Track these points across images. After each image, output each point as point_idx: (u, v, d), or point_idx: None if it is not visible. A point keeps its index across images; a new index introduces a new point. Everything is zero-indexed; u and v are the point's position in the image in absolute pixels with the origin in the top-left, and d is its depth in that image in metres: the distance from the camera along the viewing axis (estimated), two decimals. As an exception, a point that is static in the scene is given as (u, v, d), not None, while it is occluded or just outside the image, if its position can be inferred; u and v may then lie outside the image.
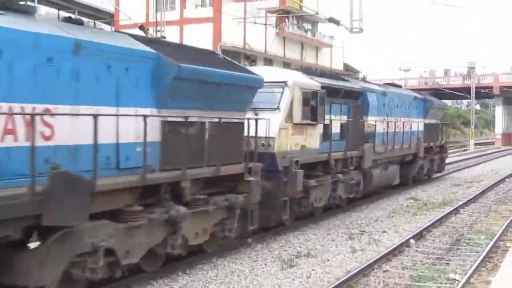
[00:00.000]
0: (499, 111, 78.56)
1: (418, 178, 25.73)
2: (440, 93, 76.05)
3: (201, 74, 10.50)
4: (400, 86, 26.87)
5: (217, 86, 10.99)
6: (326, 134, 15.97)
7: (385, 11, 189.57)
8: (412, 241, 13.65)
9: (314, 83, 15.43)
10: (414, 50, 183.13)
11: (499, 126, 76.94)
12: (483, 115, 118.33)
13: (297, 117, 14.31)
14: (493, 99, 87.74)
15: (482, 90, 72.46)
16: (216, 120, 11.03)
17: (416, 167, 24.82)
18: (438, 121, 29.10)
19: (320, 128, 15.57)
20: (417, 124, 24.79)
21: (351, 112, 17.99)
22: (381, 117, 20.37)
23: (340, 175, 16.59)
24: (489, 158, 46.91)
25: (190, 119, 10.29)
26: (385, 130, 20.71)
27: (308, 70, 17.65)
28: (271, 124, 13.35)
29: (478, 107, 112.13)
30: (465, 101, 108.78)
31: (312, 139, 15.18)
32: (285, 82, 14.12)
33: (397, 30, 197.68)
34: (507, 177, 29.64)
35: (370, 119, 19.31)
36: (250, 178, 12.06)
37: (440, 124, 29.53)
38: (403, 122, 22.82)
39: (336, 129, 16.76)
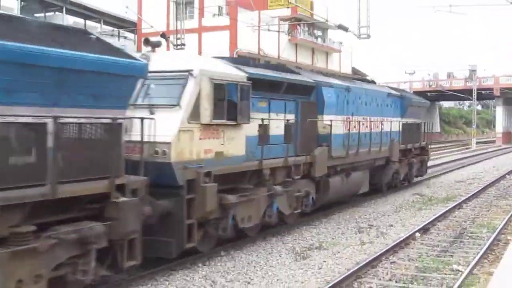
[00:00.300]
0: (499, 111, 78.03)
1: (394, 184, 21.53)
2: (443, 94, 75.89)
3: (23, 54, 6.97)
4: (373, 82, 22.96)
5: (65, 74, 7.54)
6: (264, 137, 12.53)
7: (390, 9, 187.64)
8: (417, 234, 13.59)
9: (236, 73, 11.71)
10: (418, 51, 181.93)
11: (500, 125, 76.36)
12: (484, 115, 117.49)
13: (207, 116, 10.55)
14: (493, 100, 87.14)
15: (483, 92, 72.18)
16: (71, 120, 7.67)
17: (390, 172, 20.70)
18: (419, 120, 24.33)
19: (249, 129, 11.85)
20: (392, 124, 20.38)
21: (299, 110, 14.19)
22: (342, 116, 16.43)
23: (278, 187, 12.84)
24: (490, 155, 46.51)
25: (13, 119, 6.93)
26: (347, 131, 16.57)
27: (237, 59, 13.84)
28: (167, 125, 9.82)
29: (479, 107, 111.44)
30: (467, 102, 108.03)
31: (234, 143, 11.36)
32: (189, 71, 10.40)
33: (402, 29, 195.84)
34: (508, 173, 29.39)
35: (326, 118, 15.33)
36: (122, 199, 8.41)
37: (422, 123, 24.67)
38: (373, 122, 18.77)
39: (277, 130, 13.09)
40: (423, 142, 24.65)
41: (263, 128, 12.50)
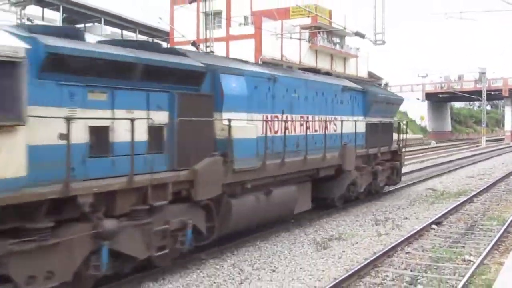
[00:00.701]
0: (508, 111, 77.19)
1: (353, 197, 16.20)
2: (454, 96, 75.02)
3: None
4: (328, 74, 17.51)
5: None
6: (99, 146, 7.91)
7: (404, 11, 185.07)
8: (434, 226, 13.44)
9: None
10: (431, 54, 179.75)
11: (508, 124, 75.42)
12: (494, 115, 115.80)
13: None
14: (502, 100, 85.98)
15: (492, 93, 71.40)
16: None
17: (344, 183, 15.26)
18: (388, 120, 18.87)
19: (42, 134, 7.04)
20: (347, 124, 15.22)
21: (177, 105, 9.15)
22: (260, 114, 11.54)
23: (112, 222, 7.78)
24: (500, 153, 45.77)
25: None
26: (266, 135, 11.34)
27: (64, 28, 9.71)
28: None
29: (489, 107, 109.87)
30: (477, 103, 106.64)
31: None
32: None
33: (415, 33, 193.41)
34: (516, 169, 28.91)
35: (228, 117, 10.16)
36: None
37: (394, 123, 19.75)
38: (317, 122, 13.92)
39: (124, 135, 8.13)
40: (395, 145, 19.18)
41: (98, 132, 7.89)
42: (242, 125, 10.68)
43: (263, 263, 10.20)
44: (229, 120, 10.03)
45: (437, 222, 13.95)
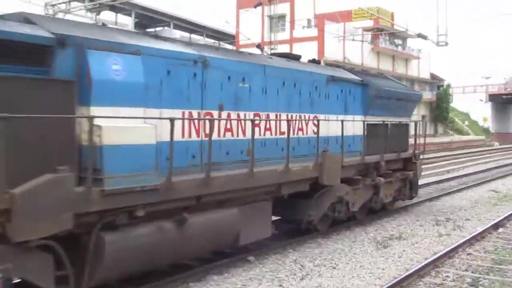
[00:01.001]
0: None
1: (342, 218, 12.17)
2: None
3: None
4: (315, 61, 12.99)
5: None
6: None
7: (466, 13, 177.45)
8: (500, 229, 12.94)
9: None
10: (495, 56, 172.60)
11: None
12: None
13: None
14: None
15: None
16: None
17: (326, 201, 11.34)
18: (399, 120, 14.39)
19: None
20: (333, 125, 11.60)
21: None
22: (173, 110, 7.87)
23: None
24: None
25: None
26: (171, 139, 7.24)
27: None
28: None
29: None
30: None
31: None
32: None
33: (478, 34, 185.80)
34: None
35: (100, 113, 6.49)
36: None
37: (410, 124, 15.31)
38: (282, 122, 10.16)
39: None
40: (410, 152, 14.98)
41: None
42: (129, 126, 6.84)
43: (324, 260, 10.16)
44: (91, 119, 6.33)
45: (500, 225, 13.45)
